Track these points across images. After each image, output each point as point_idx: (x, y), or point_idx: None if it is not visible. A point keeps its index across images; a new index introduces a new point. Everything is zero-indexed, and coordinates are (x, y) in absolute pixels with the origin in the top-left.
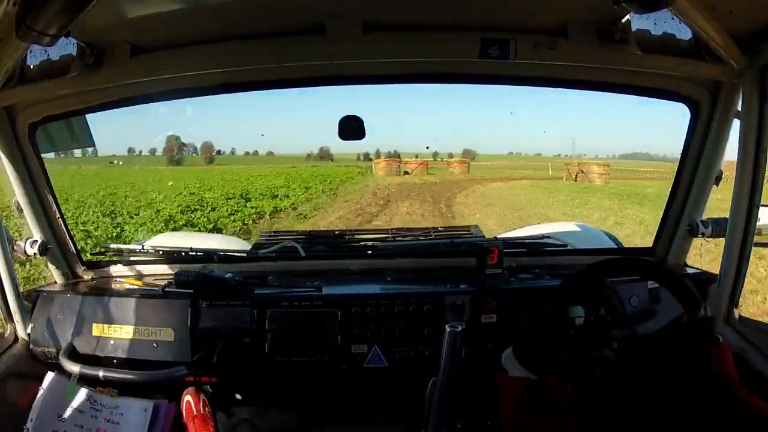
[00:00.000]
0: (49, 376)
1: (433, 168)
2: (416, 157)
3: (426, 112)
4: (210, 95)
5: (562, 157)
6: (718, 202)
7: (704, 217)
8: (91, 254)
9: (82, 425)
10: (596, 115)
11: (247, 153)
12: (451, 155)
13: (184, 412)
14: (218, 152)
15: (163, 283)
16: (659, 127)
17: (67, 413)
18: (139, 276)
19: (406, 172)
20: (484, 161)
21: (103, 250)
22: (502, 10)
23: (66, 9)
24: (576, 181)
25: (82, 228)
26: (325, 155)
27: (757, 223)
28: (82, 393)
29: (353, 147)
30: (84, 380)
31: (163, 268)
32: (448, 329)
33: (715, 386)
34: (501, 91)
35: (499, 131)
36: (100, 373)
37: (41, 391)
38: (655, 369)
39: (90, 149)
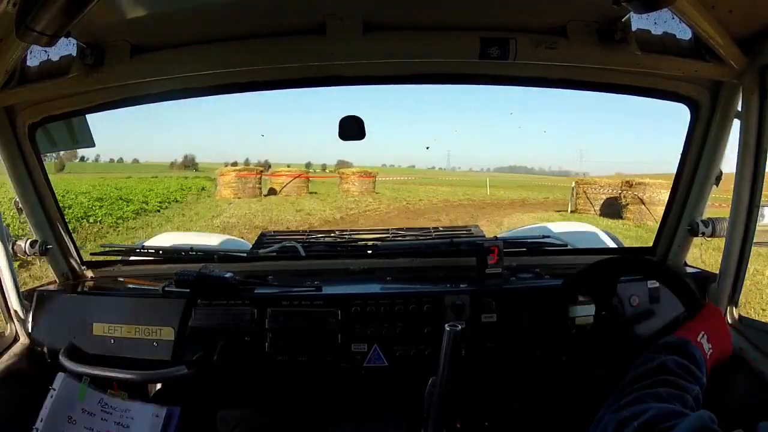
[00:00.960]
0: (60, 377)
1: (316, 184)
2: (288, 167)
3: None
4: (210, 95)
5: (437, 169)
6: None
7: (704, 216)
8: (91, 254)
9: (92, 428)
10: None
11: (111, 160)
12: (324, 167)
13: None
14: (82, 158)
15: (163, 282)
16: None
17: (78, 415)
18: (139, 275)
19: (272, 191)
20: (385, 174)
21: (103, 249)
22: (502, 10)
23: (66, 9)
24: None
25: None
26: (189, 164)
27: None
28: (93, 395)
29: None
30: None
31: (163, 268)
32: (448, 329)
33: None
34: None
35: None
36: (101, 373)
37: (51, 392)
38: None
39: None
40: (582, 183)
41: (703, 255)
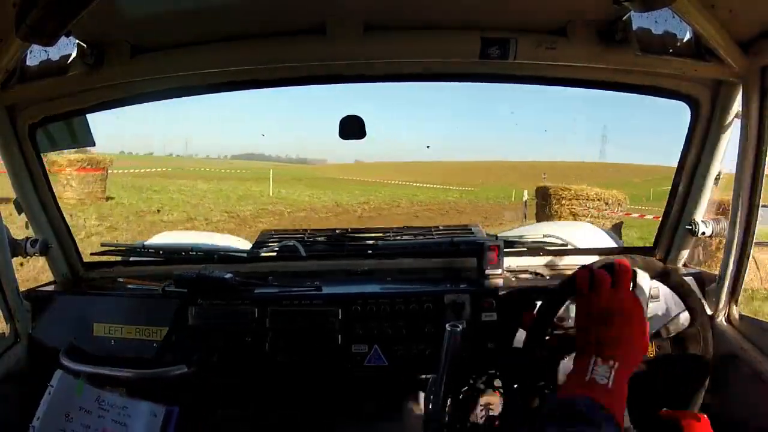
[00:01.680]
0: (58, 374)
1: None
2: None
3: None
4: (210, 95)
5: (175, 156)
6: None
7: (704, 216)
8: (91, 254)
9: (89, 425)
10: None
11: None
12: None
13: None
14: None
15: (163, 283)
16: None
17: (75, 412)
18: (140, 276)
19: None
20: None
21: (103, 249)
22: (502, 9)
23: (66, 9)
24: None
25: None
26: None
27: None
28: (91, 392)
29: None
30: (85, 378)
31: (164, 268)
32: (449, 328)
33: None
34: None
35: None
36: (101, 372)
37: (49, 389)
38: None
39: None
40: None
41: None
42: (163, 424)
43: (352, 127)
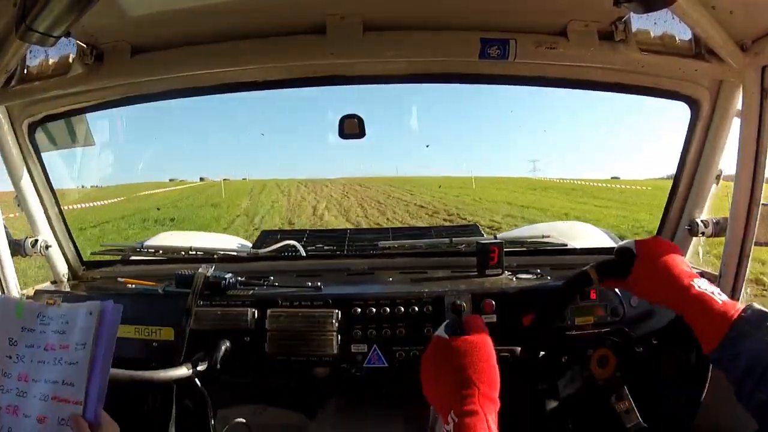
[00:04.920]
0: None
1: None
2: None
3: None
4: (210, 95)
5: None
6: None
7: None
8: (91, 253)
9: (33, 344)
10: None
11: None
12: None
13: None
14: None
15: (163, 282)
16: None
17: (17, 334)
18: (139, 275)
19: None
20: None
21: (103, 249)
22: (502, 10)
23: (66, 9)
24: None
25: None
26: None
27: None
28: (31, 309)
29: None
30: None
31: (163, 268)
32: None
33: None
34: None
35: None
36: None
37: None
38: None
39: None
40: None
41: None
42: (98, 320)
43: (351, 127)
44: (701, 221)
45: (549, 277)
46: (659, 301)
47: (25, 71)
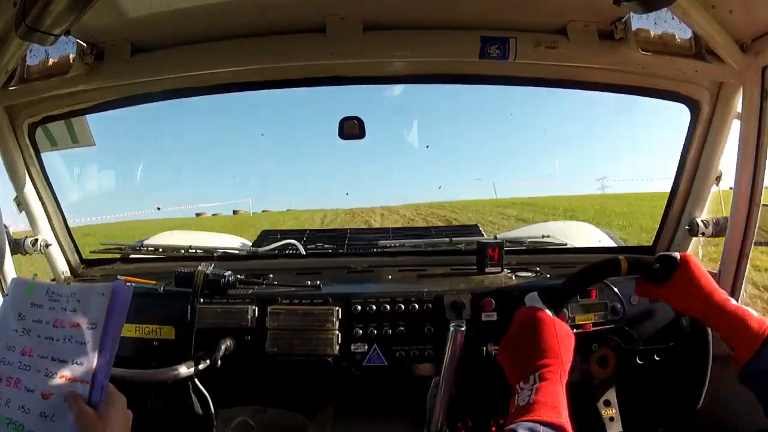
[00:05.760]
0: (11, 279)
1: None
2: None
3: None
4: (210, 95)
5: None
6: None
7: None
8: (90, 252)
9: (41, 319)
10: None
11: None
12: None
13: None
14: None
15: (163, 281)
16: None
17: (26, 310)
18: (139, 274)
19: None
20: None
21: (103, 247)
22: (502, 9)
23: (66, 9)
24: None
25: None
26: None
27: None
28: (41, 287)
29: None
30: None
31: (163, 266)
32: (453, 327)
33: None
34: None
35: None
36: None
37: (5, 299)
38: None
39: None
40: None
41: None
42: (111, 300)
43: (351, 128)
44: (701, 221)
45: (548, 275)
46: (691, 312)
47: (25, 71)
